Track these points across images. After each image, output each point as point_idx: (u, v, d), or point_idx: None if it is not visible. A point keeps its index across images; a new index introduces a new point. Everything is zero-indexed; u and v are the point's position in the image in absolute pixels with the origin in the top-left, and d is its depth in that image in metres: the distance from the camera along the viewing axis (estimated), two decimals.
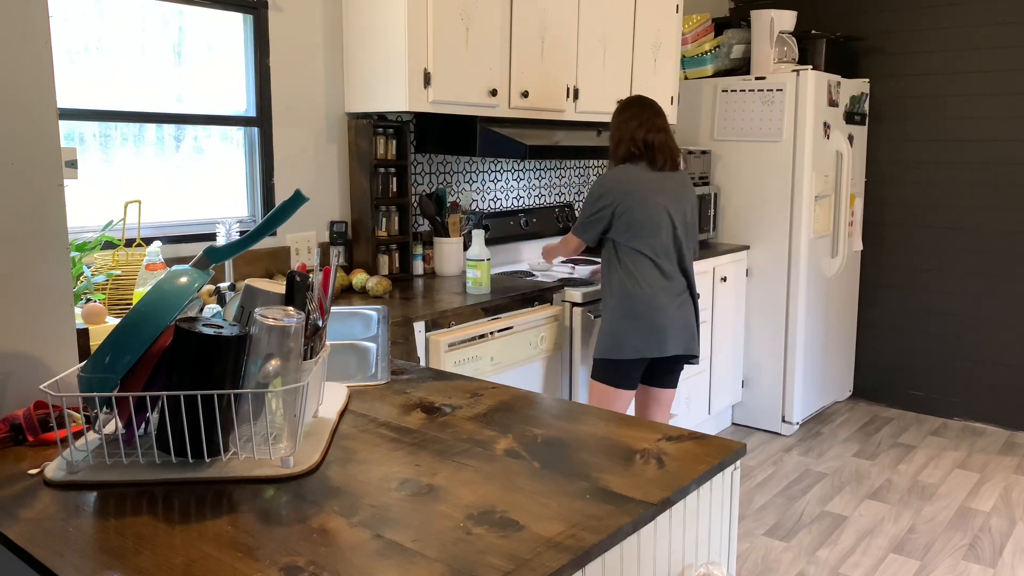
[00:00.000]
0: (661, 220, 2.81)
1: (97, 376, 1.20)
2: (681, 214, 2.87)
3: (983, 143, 4.39)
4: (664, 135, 2.88)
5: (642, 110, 2.89)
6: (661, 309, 2.80)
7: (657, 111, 2.91)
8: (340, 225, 3.02)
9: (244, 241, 1.40)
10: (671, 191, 2.87)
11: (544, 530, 1.07)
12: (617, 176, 2.85)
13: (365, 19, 2.91)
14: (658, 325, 2.79)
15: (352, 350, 2.12)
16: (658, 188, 2.83)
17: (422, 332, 2.52)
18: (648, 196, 2.80)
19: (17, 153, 1.42)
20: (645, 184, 2.82)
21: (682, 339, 2.86)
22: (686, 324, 2.87)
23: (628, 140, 2.86)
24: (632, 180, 2.82)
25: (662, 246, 2.82)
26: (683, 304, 2.87)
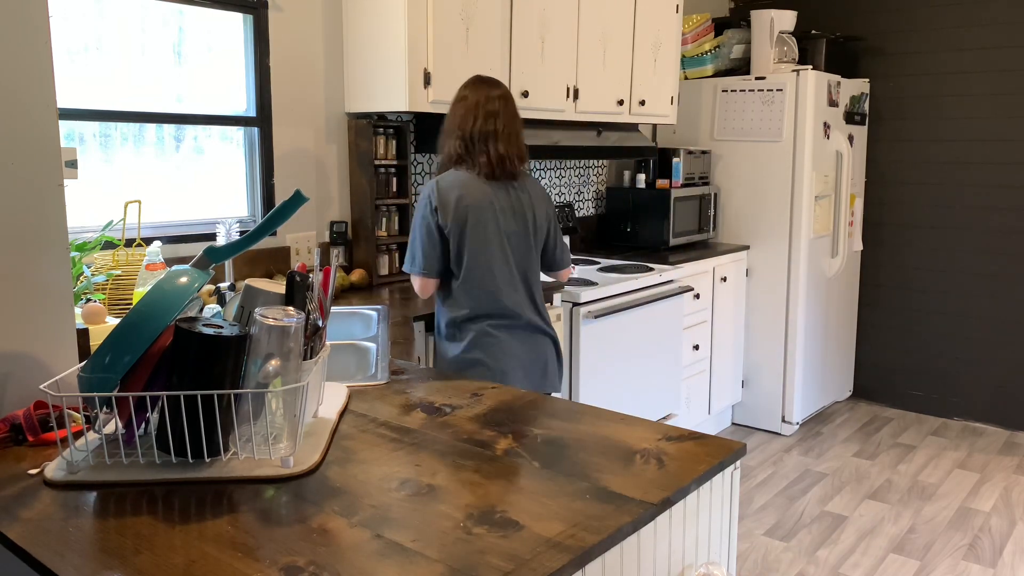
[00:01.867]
0: (495, 248, 2.32)
1: (97, 376, 1.20)
2: (523, 231, 2.38)
3: (983, 143, 4.39)
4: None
5: (485, 102, 2.33)
6: (500, 349, 2.33)
7: (499, 94, 2.37)
8: (340, 225, 3.02)
9: (244, 241, 1.40)
10: (511, 207, 2.36)
11: (544, 530, 1.07)
12: (451, 184, 2.32)
13: (365, 19, 2.91)
14: (498, 368, 2.33)
15: (352, 350, 2.12)
16: (495, 205, 2.33)
17: (422, 332, 2.52)
18: (482, 216, 2.30)
19: (17, 153, 1.42)
20: (482, 199, 2.31)
21: (529, 380, 2.39)
22: (533, 360, 2.40)
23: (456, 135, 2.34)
24: (468, 195, 2.30)
25: (496, 275, 2.33)
26: (526, 340, 2.38)
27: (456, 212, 2.28)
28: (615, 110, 3.67)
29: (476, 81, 2.39)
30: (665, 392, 3.58)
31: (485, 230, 2.31)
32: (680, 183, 4.13)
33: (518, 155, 2.37)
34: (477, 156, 2.32)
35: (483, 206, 2.30)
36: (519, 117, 2.41)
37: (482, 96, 2.34)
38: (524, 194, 2.41)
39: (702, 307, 4.00)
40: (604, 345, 3.16)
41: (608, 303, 3.16)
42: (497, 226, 2.33)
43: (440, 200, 2.29)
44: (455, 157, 2.35)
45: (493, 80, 2.41)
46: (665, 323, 3.51)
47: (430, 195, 2.30)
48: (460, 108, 2.35)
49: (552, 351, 2.46)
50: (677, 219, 4.06)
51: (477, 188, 2.31)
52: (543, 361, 2.43)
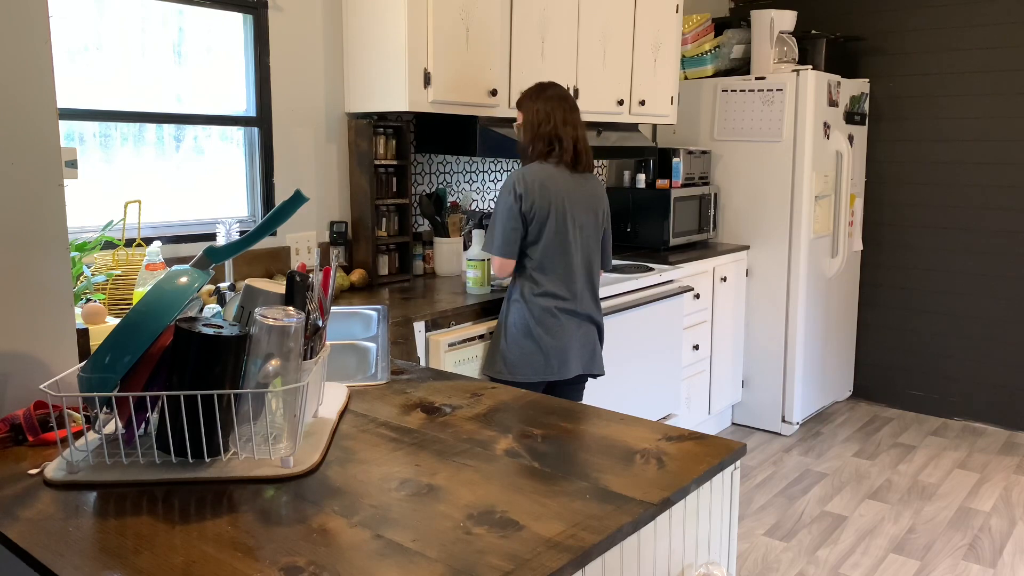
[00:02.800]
0: (570, 232, 2.59)
1: (97, 376, 1.20)
2: (593, 224, 2.67)
3: (983, 143, 4.39)
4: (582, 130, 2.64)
5: (562, 100, 2.62)
6: (562, 328, 2.59)
7: (571, 99, 2.66)
8: (340, 225, 3.02)
9: (244, 241, 1.40)
10: (587, 198, 2.64)
11: (544, 530, 1.07)
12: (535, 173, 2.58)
13: (365, 19, 2.91)
14: (560, 346, 2.59)
15: (352, 350, 2.12)
16: (574, 193, 2.61)
17: (422, 332, 2.52)
18: (562, 202, 2.56)
19: (17, 153, 1.42)
20: (563, 186, 2.58)
21: (582, 360, 2.66)
22: (586, 343, 2.67)
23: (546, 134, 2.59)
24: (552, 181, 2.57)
25: (568, 261, 2.60)
26: (582, 325, 2.65)
27: (540, 199, 2.52)
28: (615, 110, 3.67)
29: (545, 85, 2.65)
30: (665, 392, 3.58)
31: (563, 217, 2.56)
32: (680, 183, 4.12)
33: (591, 151, 2.66)
34: (563, 150, 2.58)
35: (564, 195, 2.56)
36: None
37: (559, 94, 2.61)
38: (595, 190, 2.69)
39: (702, 307, 4.00)
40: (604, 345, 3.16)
41: (608, 303, 3.16)
42: (573, 215, 2.59)
43: (526, 187, 2.52)
44: (542, 151, 2.60)
45: (554, 83, 2.67)
46: (665, 323, 3.51)
47: (515, 182, 2.54)
48: (543, 106, 2.58)
49: (598, 338, 2.73)
50: (677, 219, 4.06)
51: (560, 178, 2.57)
52: (592, 345, 2.70)
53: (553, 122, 2.58)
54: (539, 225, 2.55)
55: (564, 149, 2.58)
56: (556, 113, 2.59)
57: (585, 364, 2.68)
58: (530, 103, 2.63)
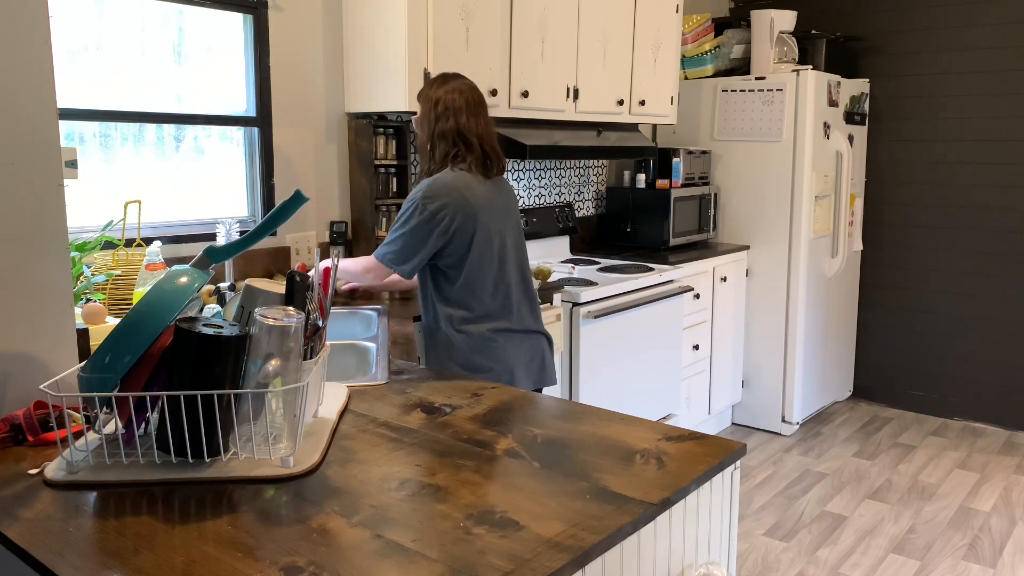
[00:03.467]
0: (494, 248, 2.27)
1: (97, 376, 1.20)
2: (516, 232, 2.38)
3: (983, 143, 4.39)
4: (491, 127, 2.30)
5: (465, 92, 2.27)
6: (503, 349, 2.28)
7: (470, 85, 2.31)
8: (340, 225, 3.02)
9: (244, 241, 1.40)
10: (503, 206, 2.32)
11: (544, 530, 1.07)
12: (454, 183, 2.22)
13: (365, 19, 2.91)
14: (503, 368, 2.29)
15: (352, 350, 2.12)
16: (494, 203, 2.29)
17: (422, 332, 2.51)
18: (482, 217, 2.23)
19: (17, 153, 1.42)
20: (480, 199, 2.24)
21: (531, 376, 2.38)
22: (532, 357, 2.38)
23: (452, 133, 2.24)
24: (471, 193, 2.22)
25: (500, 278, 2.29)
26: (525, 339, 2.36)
27: (460, 216, 2.18)
28: (615, 110, 3.67)
29: (449, 77, 2.32)
30: (665, 392, 3.59)
31: (488, 232, 2.25)
32: (680, 183, 4.12)
33: (500, 151, 2.33)
34: (469, 151, 2.24)
35: (484, 207, 2.24)
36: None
37: (465, 89, 2.27)
38: (510, 194, 2.41)
39: (702, 307, 4.00)
40: (604, 345, 3.16)
41: (608, 303, 3.16)
42: (498, 227, 2.29)
43: (442, 204, 2.17)
44: (446, 153, 2.25)
45: (461, 75, 2.35)
46: (665, 323, 3.51)
47: (426, 198, 2.18)
48: (445, 96, 2.24)
49: (547, 347, 2.45)
50: (677, 219, 4.06)
51: (476, 188, 2.24)
52: (540, 357, 2.41)
53: (453, 118, 2.22)
54: (461, 245, 2.20)
55: (471, 151, 2.24)
56: (458, 106, 2.23)
57: (535, 379, 2.39)
58: (429, 93, 2.28)
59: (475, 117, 2.26)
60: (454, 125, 2.23)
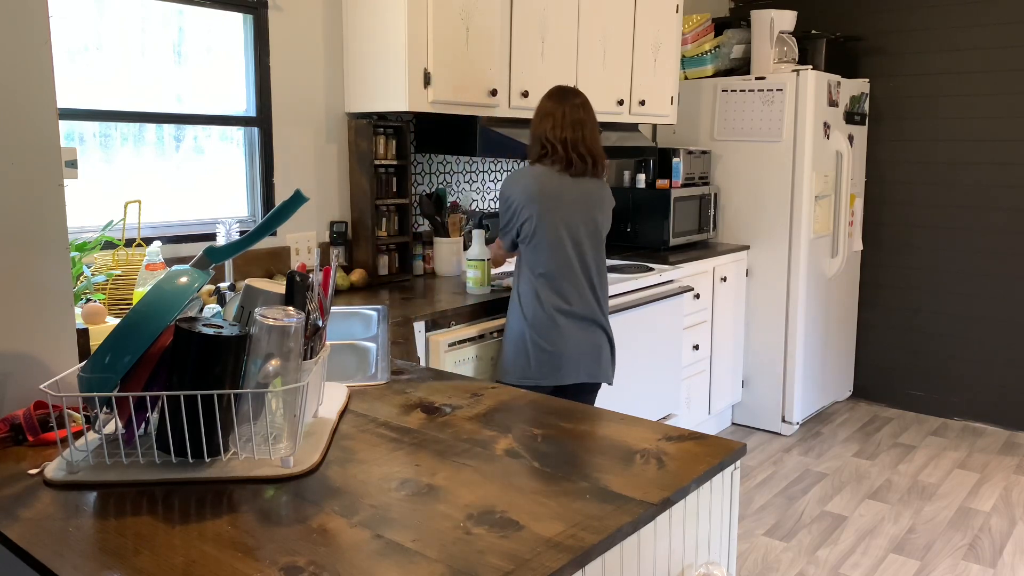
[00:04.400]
0: (563, 235, 2.55)
1: (97, 376, 1.20)
2: (591, 229, 2.62)
3: (983, 143, 4.39)
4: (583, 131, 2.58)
5: (561, 102, 2.58)
6: (559, 333, 2.54)
7: (580, 102, 2.60)
8: (340, 225, 3.02)
9: (244, 241, 1.40)
10: (583, 201, 2.59)
11: (544, 530, 1.07)
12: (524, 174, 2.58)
13: (365, 19, 2.91)
14: (555, 351, 2.54)
15: (352, 350, 2.12)
16: (567, 196, 2.57)
17: (422, 332, 2.52)
18: (553, 205, 2.54)
19: (17, 153, 1.42)
20: (553, 190, 2.55)
21: (583, 366, 2.59)
22: (588, 348, 2.59)
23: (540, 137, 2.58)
24: (540, 184, 2.54)
25: (563, 264, 2.55)
26: (585, 329, 2.59)
27: (527, 203, 2.52)
28: (615, 110, 3.67)
29: (558, 92, 2.62)
30: (665, 392, 3.58)
31: (553, 217, 2.53)
32: (680, 183, 4.12)
33: (597, 155, 2.61)
34: (554, 153, 2.56)
35: (555, 195, 2.53)
36: (597, 123, 2.63)
37: (567, 107, 2.57)
38: (597, 192, 2.64)
39: (702, 307, 4.00)
40: None
41: (608, 303, 3.16)
42: (565, 218, 2.54)
43: (512, 192, 2.55)
44: (536, 156, 2.60)
45: (574, 90, 2.63)
46: (665, 323, 3.51)
47: (504, 187, 2.59)
48: (548, 121, 2.57)
49: (607, 343, 2.66)
50: (677, 219, 4.06)
51: (551, 178, 2.55)
52: (596, 350, 2.62)
53: (547, 124, 2.56)
54: (529, 229, 2.54)
55: (556, 152, 2.55)
56: (555, 115, 2.55)
57: (588, 371, 2.59)
58: (540, 103, 2.64)
59: (566, 128, 2.56)
60: (543, 131, 2.58)
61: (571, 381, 2.59)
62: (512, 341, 2.58)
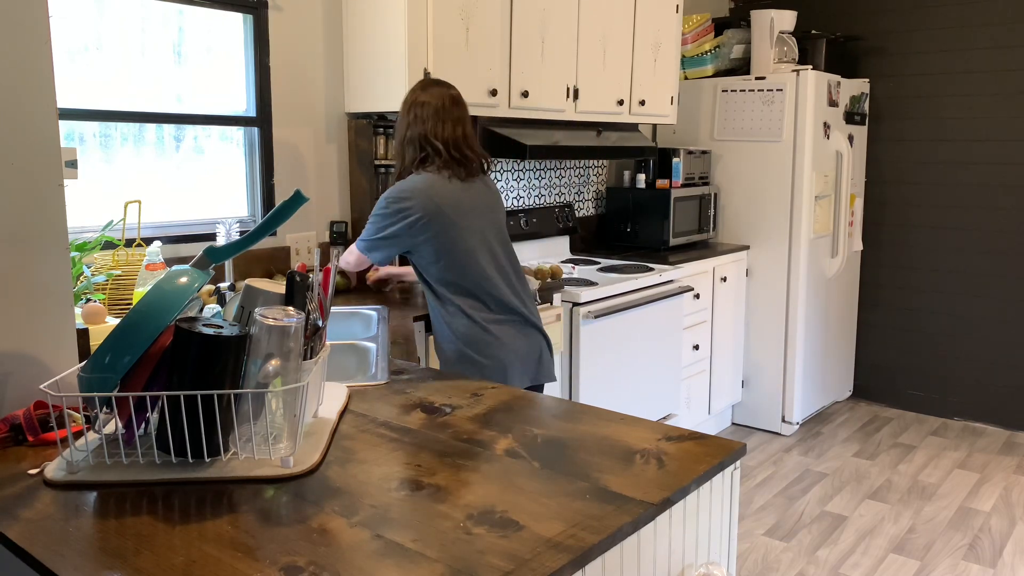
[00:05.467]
0: (474, 246, 2.33)
1: (97, 376, 1.20)
2: (496, 231, 2.42)
3: (983, 143, 4.39)
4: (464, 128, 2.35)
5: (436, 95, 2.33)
6: (496, 343, 2.34)
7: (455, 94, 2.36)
8: (340, 225, 3.02)
9: (244, 241, 1.40)
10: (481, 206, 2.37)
11: (544, 530, 1.07)
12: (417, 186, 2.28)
13: (365, 19, 2.91)
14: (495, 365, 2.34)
15: (352, 350, 2.12)
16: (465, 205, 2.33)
17: (422, 332, 2.52)
18: (457, 218, 2.29)
19: (17, 153, 1.42)
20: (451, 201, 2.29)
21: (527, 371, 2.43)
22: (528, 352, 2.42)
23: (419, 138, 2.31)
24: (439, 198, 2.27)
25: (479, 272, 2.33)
26: (520, 333, 2.41)
27: (426, 216, 2.25)
28: (615, 110, 3.67)
29: (429, 83, 2.38)
30: (665, 392, 3.59)
31: (460, 231, 2.29)
32: (680, 183, 4.13)
33: (480, 153, 2.40)
34: (440, 157, 2.30)
35: (455, 206, 2.29)
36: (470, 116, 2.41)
37: (446, 98, 2.33)
38: (489, 192, 2.44)
39: (702, 307, 4.00)
40: (604, 345, 3.16)
41: (608, 303, 3.16)
42: (471, 226, 2.32)
43: (408, 207, 2.24)
44: (413, 158, 2.32)
45: (443, 81, 2.41)
46: (665, 323, 3.51)
47: (391, 201, 2.26)
48: (426, 121, 2.30)
49: (544, 342, 2.48)
50: (677, 219, 4.06)
51: (445, 188, 2.29)
52: (537, 352, 2.44)
53: (420, 124, 2.30)
54: (431, 244, 2.27)
55: (439, 156, 2.30)
56: (426, 113, 2.29)
57: (532, 375, 2.44)
58: (406, 98, 2.37)
59: (443, 123, 2.30)
60: (421, 131, 2.30)
61: (517, 387, 2.39)
62: (450, 363, 2.36)
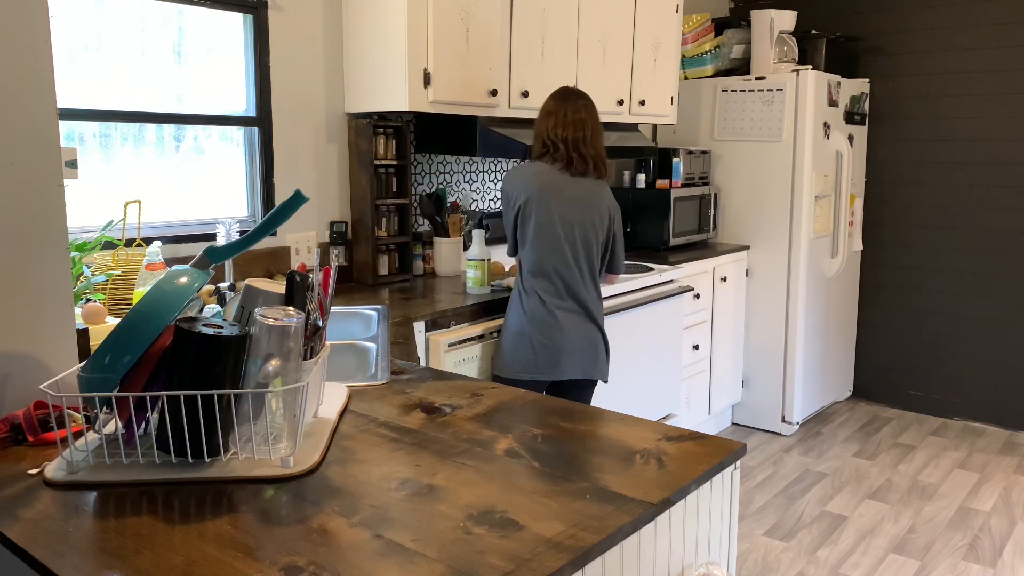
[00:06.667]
0: (559, 231, 2.56)
1: (97, 376, 1.20)
2: (588, 228, 2.60)
3: (983, 143, 4.39)
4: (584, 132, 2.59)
5: (564, 101, 2.61)
6: (557, 328, 2.55)
7: (584, 103, 2.62)
8: (340, 225, 3.02)
9: (244, 241, 1.40)
10: (581, 199, 2.59)
11: (544, 530, 1.07)
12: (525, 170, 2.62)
13: (365, 19, 2.91)
14: (553, 346, 2.55)
15: (352, 350, 2.12)
16: (566, 193, 2.57)
17: (422, 332, 2.52)
18: (551, 199, 2.56)
19: (17, 153, 1.42)
20: (551, 185, 2.56)
21: (580, 362, 2.60)
22: (586, 345, 2.61)
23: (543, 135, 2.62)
24: (539, 179, 2.58)
25: (560, 259, 2.57)
26: (581, 325, 2.60)
27: (524, 198, 2.55)
28: (615, 110, 3.67)
29: (562, 92, 2.65)
30: (665, 392, 3.58)
31: (550, 210, 2.55)
32: (680, 183, 4.12)
33: (598, 156, 2.63)
34: (556, 151, 2.59)
35: (553, 190, 2.55)
36: (600, 125, 2.65)
37: (569, 107, 2.59)
38: (596, 192, 2.63)
39: (702, 307, 4.00)
40: None
41: (608, 303, 3.16)
42: (563, 215, 2.55)
43: (509, 187, 2.60)
44: (538, 154, 2.63)
45: (578, 91, 2.66)
46: (665, 323, 3.51)
47: (503, 183, 2.64)
48: (550, 119, 2.60)
49: (602, 341, 2.67)
50: (677, 219, 4.06)
51: (548, 177, 2.57)
52: (592, 347, 2.63)
53: (549, 123, 2.60)
54: (526, 224, 2.57)
55: (557, 151, 2.58)
56: (557, 114, 2.59)
57: (584, 368, 2.61)
58: (545, 103, 2.66)
59: (569, 128, 2.58)
60: (544, 129, 2.61)
61: (568, 376, 2.60)
62: (510, 336, 2.60)
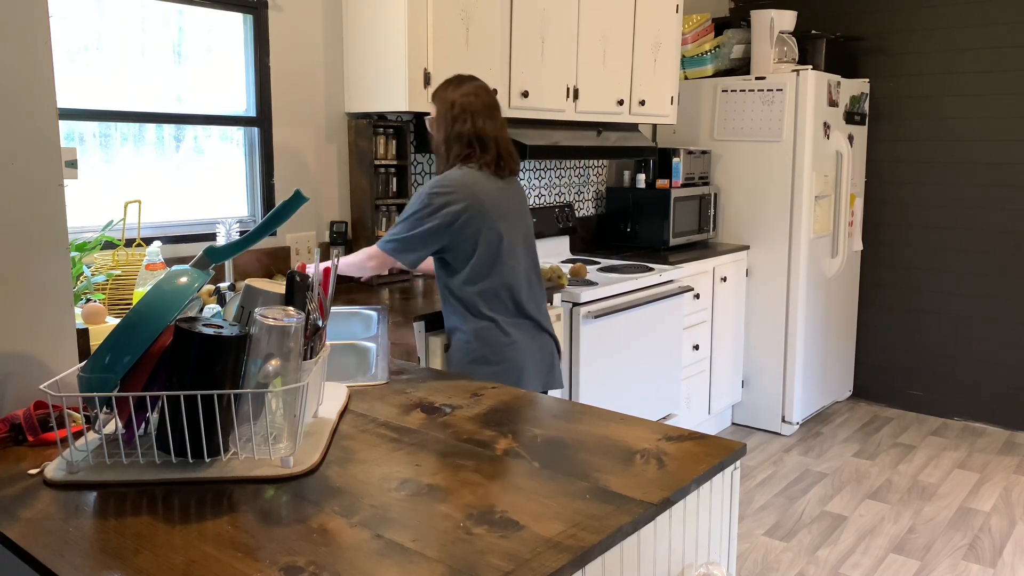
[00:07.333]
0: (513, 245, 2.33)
1: (97, 376, 1.20)
2: (527, 232, 2.42)
3: (983, 143, 4.39)
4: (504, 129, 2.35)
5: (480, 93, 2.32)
6: (514, 349, 2.32)
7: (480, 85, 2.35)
8: (340, 225, 3.02)
9: (244, 241, 1.40)
10: (517, 205, 2.39)
11: (544, 530, 1.07)
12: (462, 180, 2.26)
13: (365, 19, 2.91)
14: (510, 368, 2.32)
15: (352, 350, 2.12)
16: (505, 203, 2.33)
17: (422, 332, 2.52)
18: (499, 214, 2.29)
19: (17, 153, 1.42)
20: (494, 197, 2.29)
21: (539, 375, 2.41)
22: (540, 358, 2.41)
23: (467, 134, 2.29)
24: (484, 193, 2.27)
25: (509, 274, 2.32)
26: (535, 338, 2.40)
27: (469, 210, 2.24)
28: (615, 110, 3.67)
29: (463, 79, 2.37)
30: (665, 392, 3.59)
31: (497, 228, 2.29)
32: (680, 183, 4.13)
33: (514, 152, 2.40)
34: (484, 152, 2.30)
35: (492, 204, 2.29)
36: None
37: (490, 95, 2.35)
38: (520, 190, 2.48)
39: (702, 307, 4.00)
40: (604, 345, 3.16)
41: (608, 303, 3.16)
42: (507, 224, 2.33)
43: (449, 200, 2.23)
44: (459, 154, 2.32)
45: (474, 77, 2.40)
46: (665, 323, 3.51)
47: (434, 193, 2.25)
48: (476, 116, 2.29)
49: (555, 349, 2.50)
50: (677, 219, 4.06)
51: (484, 183, 2.29)
52: (549, 358, 2.46)
53: (470, 120, 2.28)
54: (469, 240, 2.26)
55: (486, 152, 2.30)
56: (475, 108, 2.28)
57: (544, 380, 2.44)
58: (445, 95, 2.33)
59: (491, 119, 2.31)
60: (471, 127, 2.28)
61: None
62: (463, 364, 2.33)
